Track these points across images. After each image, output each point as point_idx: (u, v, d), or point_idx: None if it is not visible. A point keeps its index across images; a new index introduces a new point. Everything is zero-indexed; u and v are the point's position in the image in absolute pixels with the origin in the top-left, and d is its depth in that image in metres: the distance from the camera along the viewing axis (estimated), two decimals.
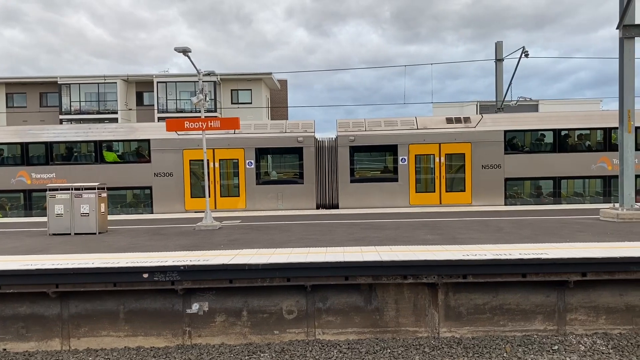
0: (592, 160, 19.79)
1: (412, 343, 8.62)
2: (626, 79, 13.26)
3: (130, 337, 9.00)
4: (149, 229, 14.37)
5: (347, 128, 20.24)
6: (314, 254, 9.43)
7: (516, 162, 19.77)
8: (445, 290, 8.92)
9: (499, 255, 8.88)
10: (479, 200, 19.76)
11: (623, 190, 13.54)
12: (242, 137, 19.96)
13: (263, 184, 20.16)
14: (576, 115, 20.85)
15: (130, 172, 20.18)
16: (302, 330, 8.99)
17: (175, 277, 8.65)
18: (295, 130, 20.28)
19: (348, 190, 19.96)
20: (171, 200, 19.96)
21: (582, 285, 8.78)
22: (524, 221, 13.88)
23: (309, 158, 20.01)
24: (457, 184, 20.01)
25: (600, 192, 20.07)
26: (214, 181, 19.89)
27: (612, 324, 8.86)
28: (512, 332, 8.86)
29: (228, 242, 11.40)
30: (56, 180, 19.39)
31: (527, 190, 20.52)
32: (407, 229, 12.90)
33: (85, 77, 37.47)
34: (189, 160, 19.87)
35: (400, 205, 19.77)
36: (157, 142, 19.98)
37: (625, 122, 13.28)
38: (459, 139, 19.78)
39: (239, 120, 14.22)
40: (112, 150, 20.64)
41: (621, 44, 13.24)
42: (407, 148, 19.84)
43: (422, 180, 20.13)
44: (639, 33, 13.04)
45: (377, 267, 8.73)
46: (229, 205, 19.90)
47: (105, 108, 37.15)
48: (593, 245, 9.73)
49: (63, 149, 20.65)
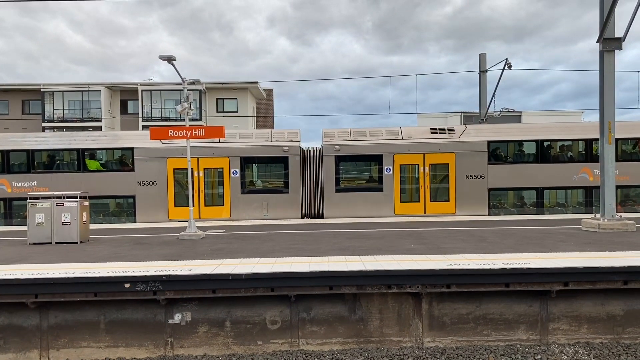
0: (574, 171, 20.03)
1: (396, 353, 8.62)
2: (606, 91, 13.50)
3: (111, 348, 8.88)
4: (131, 238, 14.23)
5: (332, 137, 20.30)
6: (298, 263, 9.41)
7: (499, 172, 19.97)
8: (429, 299, 8.95)
9: (482, 265, 8.95)
10: (463, 210, 19.89)
11: (604, 201, 13.74)
12: (227, 146, 19.91)
13: (248, 193, 20.07)
14: (558, 127, 21.16)
15: (113, 180, 19.98)
16: (285, 340, 8.95)
17: (157, 287, 8.57)
18: (281, 139, 20.27)
19: (333, 200, 19.99)
20: (155, 210, 19.80)
21: (564, 294, 8.88)
22: (507, 231, 14.01)
23: (294, 167, 20.00)
24: (442, 194, 20.12)
25: (582, 203, 20.32)
26: (199, 190, 19.78)
27: (594, 334, 8.96)
28: (495, 342, 8.91)
29: (211, 251, 11.33)
30: (38, 189, 19.18)
31: (511, 201, 20.70)
32: (392, 238, 12.95)
33: (68, 84, 37.12)
34: (173, 168, 19.72)
35: (385, 215, 19.82)
36: (140, 151, 19.80)
37: (606, 133, 13.51)
38: (443, 149, 19.94)
39: (224, 129, 14.21)
40: (95, 159, 20.44)
41: (601, 56, 13.50)
42: (392, 158, 19.96)
43: (406, 190, 20.23)
44: (618, 46, 13.31)
45: (361, 277, 8.73)
46: (213, 215, 19.79)
47: (89, 116, 36.81)
48: (575, 255, 9.84)
49: (45, 157, 20.41)
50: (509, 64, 23.52)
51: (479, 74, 25.59)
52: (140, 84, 36.84)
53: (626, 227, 13.45)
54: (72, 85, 36.97)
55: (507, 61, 23.58)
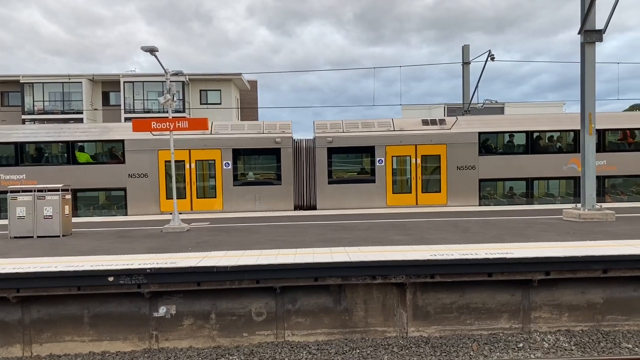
0: (563, 161, 20.30)
1: (381, 343, 8.70)
2: (587, 82, 13.67)
3: (95, 342, 8.84)
4: (115, 231, 14.12)
5: (324, 129, 20.31)
6: (283, 255, 9.43)
7: (490, 163, 20.15)
8: (413, 290, 9.04)
9: (465, 255, 9.05)
10: (454, 200, 20.06)
11: (585, 191, 13.95)
12: (219, 138, 19.80)
13: (240, 185, 19.99)
14: (547, 118, 21.42)
15: (103, 173, 19.73)
16: (271, 332, 8.98)
17: (141, 280, 8.53)
18: (273, 131, 20.20)
19: (326, 192, 20.04)
20: (146, 202, 19.62)
21: (545, 283, 9.02)
22: (491, 221, 14.16)
23: (286, 159, 19.98)
24: (433, 185, 20.26)
25: (571, 193, 20.62)
26: (190, 182, 19.66)
27: (575, 321, 9.13)
28: (478, 331, 9.04)
29: (196, 244, 11.29)
30: (26, 182, 18.82)
31: (501, 191, 20.93)
32: (378, 229, 13.01)
33: (48, 76, 36.50)
34: (164, 161, 19.48)
35: (378, 206, 19.91)
36: (131, 143, 19.55)
37: (587, 124, 13.69)
38: (434, 141, 20.04)
39: (208, 121, 14.13)
40: (85, 151, 20.20)
41: (582, 48, 13.65)
42: (384, 149, 20.03)
43: (398, 182, 20.35)
44: (599, 38, 13.46)
45: (346, 268, 8.79)
46: (205, 207, 19.68)
47: (70, 108, 36.27)
48: (556, 245, 10.00)
49: (34, 150, 20.12)
50: (491, 56, 23.65)
51: (462, 66, 25.70)
52: (122, 76, 36.38)
53: (606, 217, 13.68)
54: (52, 77, 36.37)
55: (490, 53, 23.71)
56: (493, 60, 23.75)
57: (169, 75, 14.25)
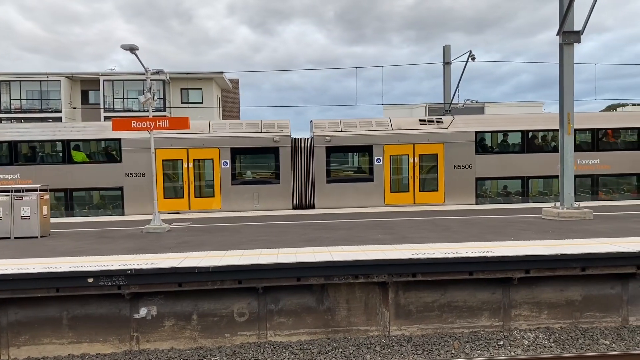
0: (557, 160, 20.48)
1: (364, 342, 8.73)
2: (566, 83, 13.87)
3: (75, 344, 8.72)
4: (95, 232, 13.93)
5: (323, 128, 20.32)
6: (265, 255, 9.41)
7: (487, 162, 20.34)
8: (395, 289, 9.09)
9: (447, 254, 9.12)
10: (451, 199, 20.21)
11: (563, 190, 14.16)
12: (217, 137, 19.70)
13: (239, 184, 19.94)
14: (542, 117, 21.76)
15: (100, 172, 19.53)
16: (253, 332, 8.95)
17: (121, 282, 8.43)
18: (271, 129, 20.15)
19: (324, 191, 20.06)
20: (143, 201, 19.19)
21: (525, 282, 9.14)
22: (472, 220, 14.28)
23: (285, 158, 19.96)
24: (431, 184, 20.40)
25: None
26: (188, 181, 19.55)
27: (554, 319, 9.27)
28: (460, 329, 9.12)
29: (177, 244, 11.20)
30: (21, 181, 18.58)
31: (498, 190, 21.19)
32: (360, 229, 13.03)
33: (26, 74, 35.84)
34: (161, 160, 19.40)
35: (376, 205, 19.98)
36: (128, 142, 19.34)
37: (565, 124, 13.90)
38: (432, 140, 20.18)
39: (189, 120, 14.00)
40: (81, 150, 19.94)
41: (561, 49, 13.84)
42: (382, 148, 20.11)
43: (396, 180, 20.44)
44: (577, 39, 13.66)
45: (328, 268, 8.79)
46: (203, 206, 19.58)
47: (48, 107, 35.67)
48: (536, 243, 10.13)
49: (28, 149, 19.85)
50: (472, 56, 23.87)
51: (444, 66, 25.87)
52: (101, 74, 35.87)
53: (584, 216, 13.90)
54: (30, 75, 35.74)
55: (470, 53, 23.94)
56: (474, 61, 24.00)
57: (149, 73, 14.10)
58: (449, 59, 25.70)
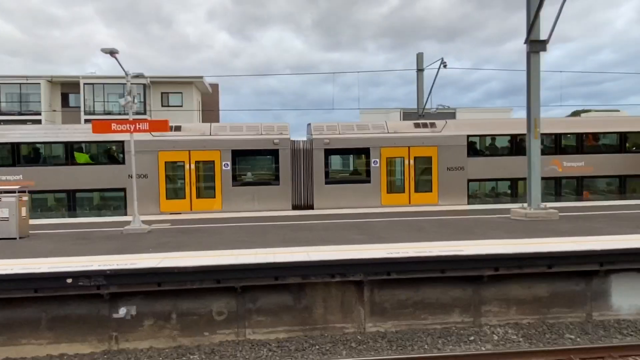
0: (545, 163, 20.76)
1: (340, 339, 8.64)
2: (533, 89, 14.01)
3: (53, 344, 8.43)
4: (75, 233, 13.55)
5: (321, 131, 20.17)
6: (244, 255, 9.24)
7: (478, 164, 20.43)
8: (370, 287, 9.02)
9: (420, 252, 9.09)
10: (444, 200, 20.25)
11: (530, 192, 14.29)
12: (219, 139, 19.41)
13: (239, 185, 19.70)
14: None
15: (103, 173, 19.14)
16: (232, 330, 8.78)
17: (101, 282, 8.18)
18: (271, 132, 19.96)
19: (323, 192, 19.94)
20: (146, 202, 18.81)
21: (495, 279, 9.17)
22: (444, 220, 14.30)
23: (284, 160, 19.77)
24: (425, 185, 20.39)
25: (552, 192, 21.16)
26: (190, 183, 19.29)
27: (522, 315, 9.31)
28: (432, 325, 9.10)
29: (157, 245, 10.94)
30: (23, 182, 17.98)
31: (488, 191, 21.44)
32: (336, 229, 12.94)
33: (5, 76, 34.84)
34: (164, 161, 19.10)
35: (373, 205, 19.88)
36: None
37: (532, 129, 14.03)
38: (426, 143, 20.19)
39: (168, 123, 13.75)
40: (84, 152, 19.53)
41: (528, 57, 13.98)
42: (379, 151, 20.03)
43: (392, 182, 20.45)
44: (543, 48, 13.81)
45: (306, 267, 8.68)
46: (205, 207, 19.29)
47: (28, 109, 34.71)
48: (505, 242, 10.18)
49: (31, 150, 19.39)
50: (444, 63, 24.10)
51: (417, 72, 26.07)
52: (82, 77, 35.05)
53: (550, 216, 14.05)
54: (9, 78, 34.74)
55: (442, 60, 24.14)
56: (445, 68, 24.25)
57: (129, 77, 13.79)
58: (422, 66, 25.90)
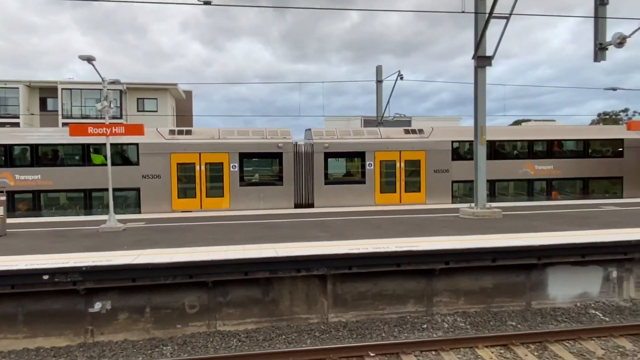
0: (520, 166, 21.99)
1: (305, 329, 8.82)
2: (479, 100, 14.55)
3: (30, 338, 8.32)
4: (52, 231, 13.28)
5: (321, 136, 20.81)
6: (215, 252, 9.31)
7: (461, 167, 21.23)
8: (333, 280, 9.23)
9: (378, 248, 9.37)
10: (431, 199, 21.00)
11: (477, 193, 14.79)
12: (227, 143, 19.87)
13: (246, 185, 20.10)
14: (506, 129, 23.33)
15: (119, 174, 19.01)
16: (203, 323, 8.85)
17: (77, 278, 8.14)
18: (275, 137, 20.42)
19: (322, 191, 20.48)
20: (158, 201, 19.28)
21: (445, 272, 9.53)
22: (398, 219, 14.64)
23: (287, 162, 20.23)
24: (414, 186, 21.18)
25: (524, 193, 22.30)
26: (200, 183, 19.58)
27: (469, 304, 9.70)
28: (389, 315, 9.38)
29: (132, 242, 10.88)
30: (41, 182, 18.45)
31: (470, 191, 21.92)
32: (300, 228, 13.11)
33: None
34: (176, 163, 19.42)
35: (368, 204, 20.49)
36: (145, 146, 19.30)
37: (479, 136, 14.56)
38: (415, 147, 21.01)
39: (144, 127, 13.68)
40: (100, 153, 19.40)
41: (475, 72, 14.51)
42: (373, 155, 20.75)
43: (385, 183, 21.08)
44: (489, 63, 14.38)
45: (274, 263, 8.82)
46: (214, 205, 19.59)
47: (7, 113, 33.58)
48: (455, 239, 10.57)
49: (49, 151, 19.26)
50: (400, 76, 24.77)
51: (376, 83, 26.58)
52: (60, 83, 34.13)
53: (494, 215, 14.59)
54: None
55: (399, 73, 24.77)
56: (402, 80, 24.97)
57: (106, 83, 13.63)
58: (381, 77, 26.48)
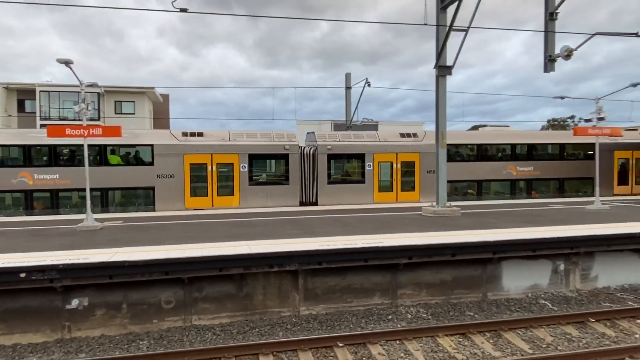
0: (503, 167, 22.79)
1: (277, 322, 8.89)
2: (440, 107, 14.89)
3: (6, 335, 8.12)
4: (28, 230, 12.91)
5: (324, 139, 21.35)
6: (191, 249, 9.27)
7: (451, 168, 21.51)
8: (304, 275, 9.34)
9: (347, 245, 9.52)
10: (425, 197, 21.50)
11: (438, 193, 15.11)
12: (237, 144, 20.13)
13: (254, 184, 20.35)
14: (491, 134, 24.13)
15: (134, 174, 19.43)
16: (179, 317, 8.82)
17: (54, 276, 7.99)
18: (281, 139, 20.74)
19: (325, 190, 20.93)
20: (172, 199, 19.44)
21: (409, 266, 9.76)
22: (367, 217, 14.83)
23: (294, 163, 20.57)
24: (409, 185, 21.81)
25: (507, 192, 23.17)
26: (212, 182, 19.72)
27: (431, 296, 9.95)
28: (357, 307, 9.54)
29: (109, 241, 10.70)
30: (59, 181, 18.46)
31: (459, 190, 22.94)
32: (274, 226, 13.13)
33: None
34: (189, 163, 19.56)
35: (367, 202, 20.99)
36: (160, 147, 19.49)
37: (440, 140, 14.89)
38: (411, 150, 21.74)
39: (121, 129, 13.44)
40: (116, 154, 19.59)
41: (437, 80, 14.84)
42: (372, 156, 21.36)
43: (383, 182, 21.63)
44: (449, 72, 14.73)
45: (247, 259, 8.85)
46: (224, 204, 19.81)
47: None
48: (418, 235, 10.82)
49: (67, 152, 19.11)
50: (368, 83, 25.17)
51: (345, 90, 26.87)
52: (38, 85, 33.05)
53: (454, 213, 14.94)
54: None
55: (367, 80, 25.12)
56: (369, 86, 25.36)
57: (84, 86, 13.34)
58: (349, 84, 26.81)
